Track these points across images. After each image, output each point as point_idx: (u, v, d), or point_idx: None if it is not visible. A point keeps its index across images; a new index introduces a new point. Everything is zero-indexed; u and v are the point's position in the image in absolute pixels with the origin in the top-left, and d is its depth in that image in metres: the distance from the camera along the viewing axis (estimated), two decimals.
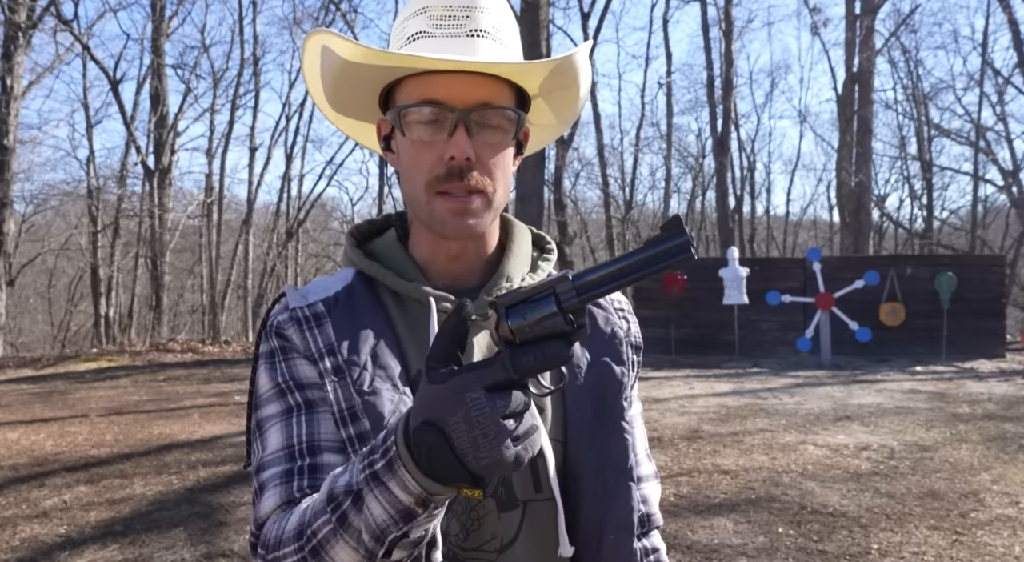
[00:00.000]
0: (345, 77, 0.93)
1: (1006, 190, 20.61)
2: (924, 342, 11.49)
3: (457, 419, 0.67)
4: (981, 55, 21.45)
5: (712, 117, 22.30)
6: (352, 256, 0.96)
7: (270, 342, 0.90)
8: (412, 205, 0.92)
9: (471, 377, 0.68)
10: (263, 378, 0.89)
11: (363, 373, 0.86)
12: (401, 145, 0.91)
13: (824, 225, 32.56)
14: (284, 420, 0.86)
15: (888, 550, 3.89)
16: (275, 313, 0.92)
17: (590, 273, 0.70)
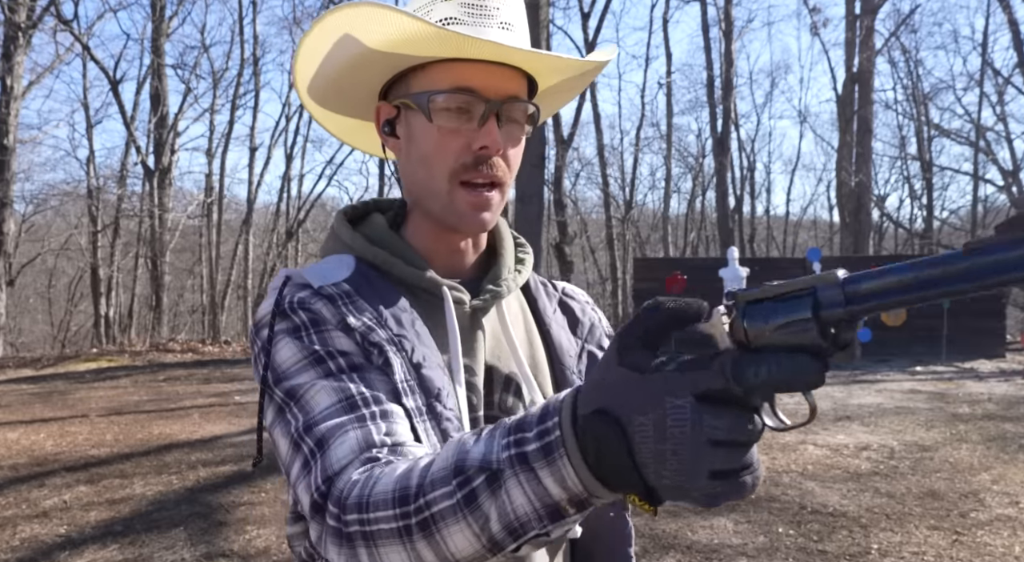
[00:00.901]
0: (359, 67, 0.90)
1: (1006, 190, 20.62)
2: (924, 342, 11.49)
3: (646, 421, 0.54)
4: (981, 55, 21.47)
5: (712, 117, 22.32)
6: (351, 241, 0.92)
7: (292, 318, 0.82)
8: (424, 193, 0.89)
9: (681, 377, 0.53)
10: (286, 352, 0.80)
11: (416, 347, 0.82)
12: (421, 131, 0.87)
13: (824, 225, 32.58)
14: (332, 379, 0.77)
15: (888, 550, 3.89)
16: (289, 292, 0.84)
17: (869, 279, 0.52)
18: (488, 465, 0.60)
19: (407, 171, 0.91)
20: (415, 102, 0.87)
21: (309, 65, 0.93)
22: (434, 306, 0.89)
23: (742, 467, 0.56)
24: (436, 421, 0.79)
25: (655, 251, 28.96)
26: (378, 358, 0.80)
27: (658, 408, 0.53)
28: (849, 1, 19.92)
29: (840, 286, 0.52)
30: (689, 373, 0.53)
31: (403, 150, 0.91)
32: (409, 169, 0.90)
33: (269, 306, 0.84)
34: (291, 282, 0.86)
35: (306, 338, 0.81)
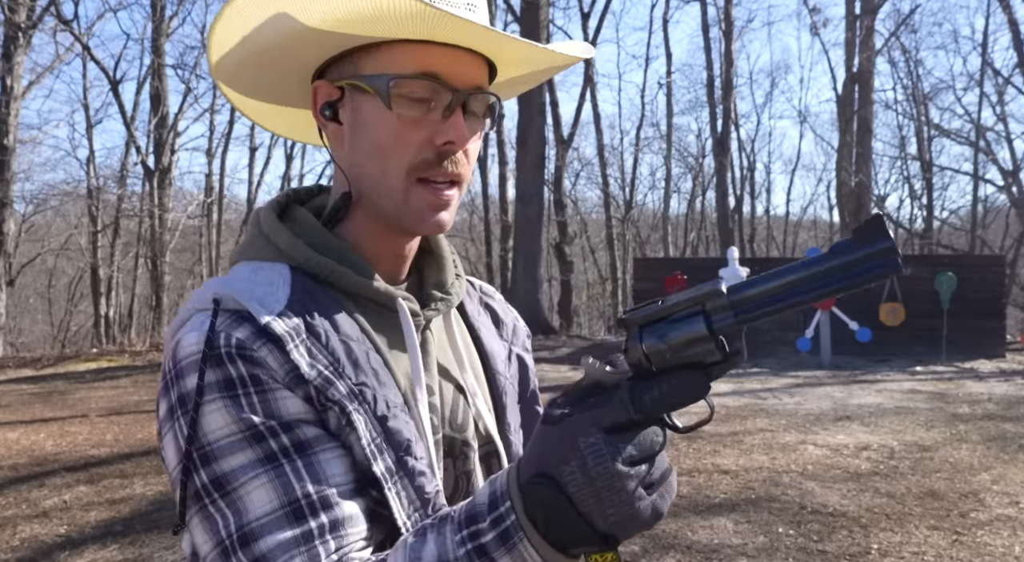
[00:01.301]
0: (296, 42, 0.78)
1: (1006, 190, 20.62)
2: (924, 342, 11.49)
3: (572, 469, 0.56)
4: (981, 55, 21.47)
5: (712, 117, 22.32)
6: (290, 249, 0.78)
7: (229, 369, 0.67)
8: (375, 190, 0.78)
9: (583, 418, 0.57)
10: (217, 420, 0.66)
11: (377, 394, 0.72)
12: (376, 119, 0.76)
13: (824, 225, 32.58)
14: (272, 469, 0.65)
15: (888, 550, 3.89)
16: (224, 328, 0.69)
17: (751, 287, 0.57)
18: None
19: (353, 162, 0.79)
20: (371, 86, 0.76)
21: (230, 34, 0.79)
22: (383, 318, 0.80)
23: (664, 472, 0.60)
24: (409, 478, 0.71)
25: (655, 251, 28.96)
26: (338, 419, 0.69)
27: (576, 451, 0.56)
28: (849, 1, 19.92)
29: (727, 297, 0.56)
30: (591, 412, 0.57)
31: (347, 138, 0.79)
32: (355, 160, 0.79)
33: (196, 343, 0.68)
34: (224, 309, 0.71)
35: (245, 402, 0.67)
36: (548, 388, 8.89)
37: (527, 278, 15.63)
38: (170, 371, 0.69)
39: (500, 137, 23.25)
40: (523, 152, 15.97)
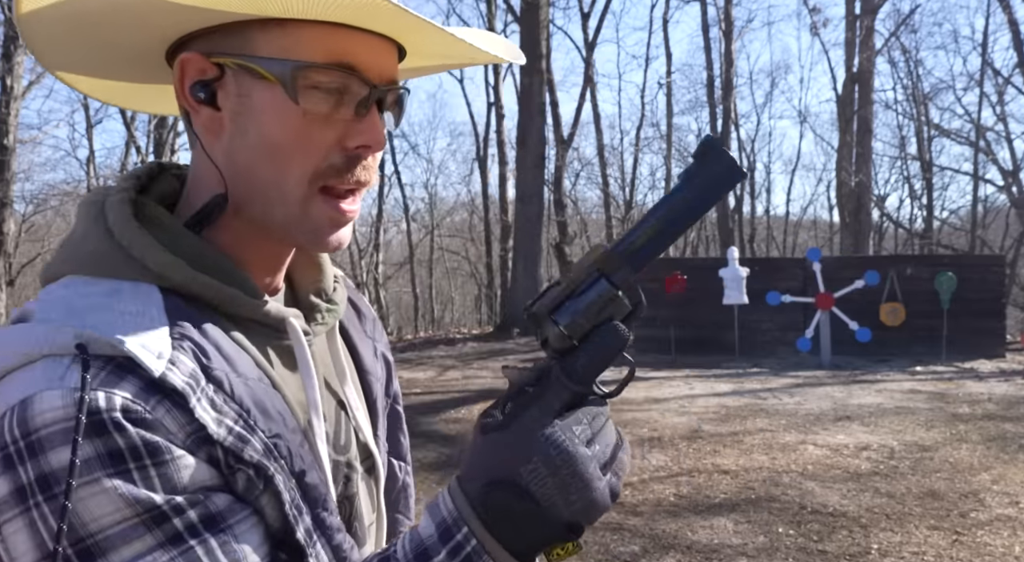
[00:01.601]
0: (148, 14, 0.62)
1: (1006, 190, 20.61)
2: (924, 342, 11.49)
3: (534, 466, 0.55)
4: (981, 55, 21.46)
5: (712, 117, 22.33)
6: (164, 267, 0.61)
7: (115, 438, 0.52)
8: (265, 196, 0.65)
9: (534, 411, 0.56)
10: (103, 505, 0.52)
11: (291, 448, 0.62)
12: (275, 112, 0.62)
13: (824, 225, 32.58)
14: (181, 556, 0.53)
15: (888, 550, 3.89)
16: (103, 386, 0.53)
17: (631, 236, 0.60)
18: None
19: (235, 160, 0.64)
20: (270, 71, 0.61)
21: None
22: (265, 337, 0.67)
23: (614, 448, 0.59)
24: (327, 537, 0.64)
25: None
26: (249, 482, 0.58)
27: (536, 446, 0.55)
28: (849, 1, 19.92)
29: (618, 251, 0.60)
30: (536, 404, 0.56)
31: (228, 128, 0.64)
32: (240, 158, 0.64)
33: (62, 406, 0.52)
34: (96, 359, 0.54)
35: (140, 478, 0.53)
36: None
37: (527, 278, 15.63)
38: (15, 442, 0.52)
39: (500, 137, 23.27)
40: (523, 152, 15.98)
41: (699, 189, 0.58)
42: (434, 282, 30.29)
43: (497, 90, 22.68)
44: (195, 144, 0.67)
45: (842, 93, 20.83)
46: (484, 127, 25.54)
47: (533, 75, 15.83)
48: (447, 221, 32.95)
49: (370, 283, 26.64)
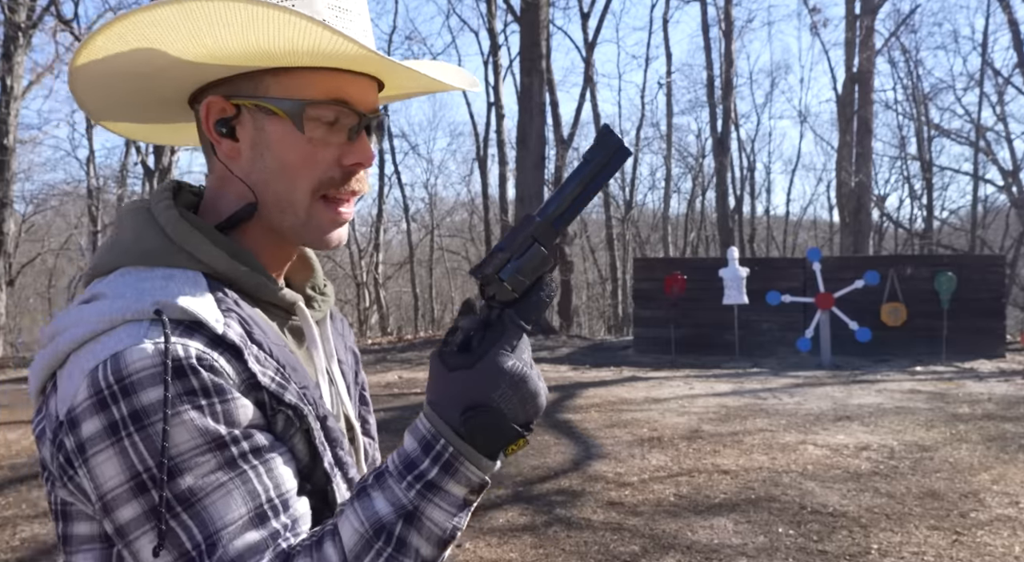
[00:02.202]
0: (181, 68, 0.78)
1: (1006, 190, 20.61)
2: (924, 342, 11.49)
3: (502, 390, 0.70)
4: (981, 55, 21.46)
5: (712, 117, 22.32)
6: (210, 256, 0.77)
7: (191, 380, 0.68)
8: (279, 206, 0.81)
9: (499, 349, 0.71)
10: (182, 432, 0.66)
11: (315, 397, 0.79)
12: (285, 140, 0.79)
13: (824, 225, 32.57)
14: (237, 477, 0.68)
15: (888, 550, 3.89)
16: (181, 339, 0.69)
17: (552, 205, 0.75)
18: (403, 508, 0.69)
19: (255, 179, 0.81)
20: (281, 109, 0.78)
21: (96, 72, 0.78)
22: (282, 320, 0.85)
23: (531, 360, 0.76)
24: (343, 471, 0.80)
25: (655, 251, 28.96)
26: (286, 422, 0.74)
27: (505, 375, 0.70)
28: (849, 1, 19.91)
29: (544, 220, 0.74)
30: (499, 343, 0.72)
31: (246, 155, 0.81)
32: (258, 178, 0.81)
33: (151, 355, 0.67)
34: (171, 319, 0.70)
35: (209, 413, 0.68)
36: (549, 388, 8.85)
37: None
38: (109, 386, 0.66)
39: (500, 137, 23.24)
40: (523, 152, 15.97)
41: (600, 165, 0.75)
42: (434, 282, 30.28)
43: (497, 90, 22.66)
44: (213, 168, 0.84)
45: (842, 93, 20.83)
46: (484, 127, 25.53)
47: (533, 75, 15.82)
48: (447, 221, 32.94)
49: (370, 283, 26.62)
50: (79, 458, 0.67)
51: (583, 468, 5.48)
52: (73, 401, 0.67)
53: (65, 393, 0.68)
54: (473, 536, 4.20)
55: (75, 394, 0.67)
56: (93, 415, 0.66)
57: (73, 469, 0.68)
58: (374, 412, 1.05)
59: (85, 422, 0.66)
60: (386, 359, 12.32)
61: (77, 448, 0.67)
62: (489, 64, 23.61)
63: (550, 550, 3.98)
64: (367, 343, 15.78)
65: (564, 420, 7.07)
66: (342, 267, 30.30)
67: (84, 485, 0.68)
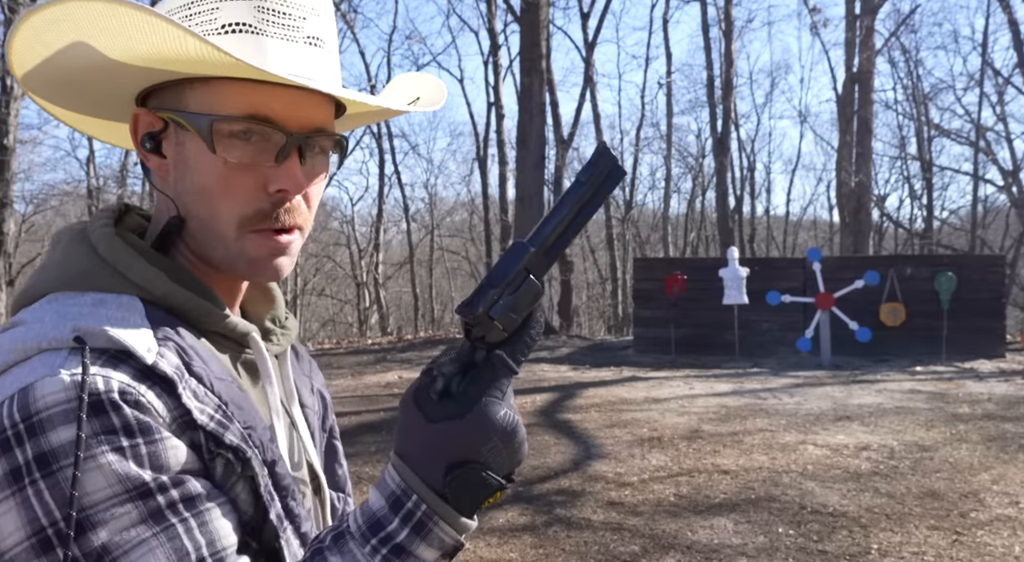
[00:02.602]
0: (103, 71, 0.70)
1: (1006, 190, 20.61)
2: (924, 342, 11.48)
3: (493, 444, 0.63)
4: (981, 55, 21.46)
5: (712, 117, 22.33)
6: (147, 280, 0.67)
7: (112, 417, 0.57)
8: (204, 235, 0.71)
9: (490, 397, 0.64)
10: (97, 478, 0.56)
11: (262, 439, 0.68)
12: (201, 161, 0.69)
13: (824, 225, 32.57)
14: (163, 532, 0.58)
15: (888, 550, 3.89)
16: (102, 369, 0.59)
17: (545, 231, 0.68)
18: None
19: (182, 202, 0.71)
20: (192, 124, 0.68)
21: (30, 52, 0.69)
22: (233, 353, 0.75)
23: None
24: (295, 524, 0.70)
25: (655, 251, 28.96)
26: (227, 467, 0.64)
27: (494, 427, 0.63)
28: (849, 1, 19.92)
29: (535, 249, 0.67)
30: (490, 389, 0.64)
31: (172, 174, 0.72)
32: (184, 201, 0.71)
33: (64, 388, 0.57)
34: (94, 348, 0.60)
35: (131, 455, 0.57)
36: (549, 388, 8.89)
37: None
38: (14, 426, 0.56)
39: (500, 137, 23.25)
40: (523, 152, 15.97)
41: (595, 187, 0.69)
42: (434, 282, 30.28)
43: (497, 90, 22.66)
44: (151, 183, 0.75)
45: (842, 93, 20.83)
46: (484, 127, 25.54)
47: (533, 75, 15.82)
48: (447, 221, 32.95)
49: (370, 283, 26.63)
50: None
51: (583, 468, 5.48)
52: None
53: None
54: (473, 536, 4.20)
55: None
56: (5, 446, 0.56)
57: None
58: (374, 412, 0.97)
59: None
60: (386, 359, 12.32)
61: None
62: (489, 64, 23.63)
63: (550, 550, 3.98)
64: (367, 343, 15.78)
65: (564, 420, 7.07)
66: (342, 267, 30.32)
67: None
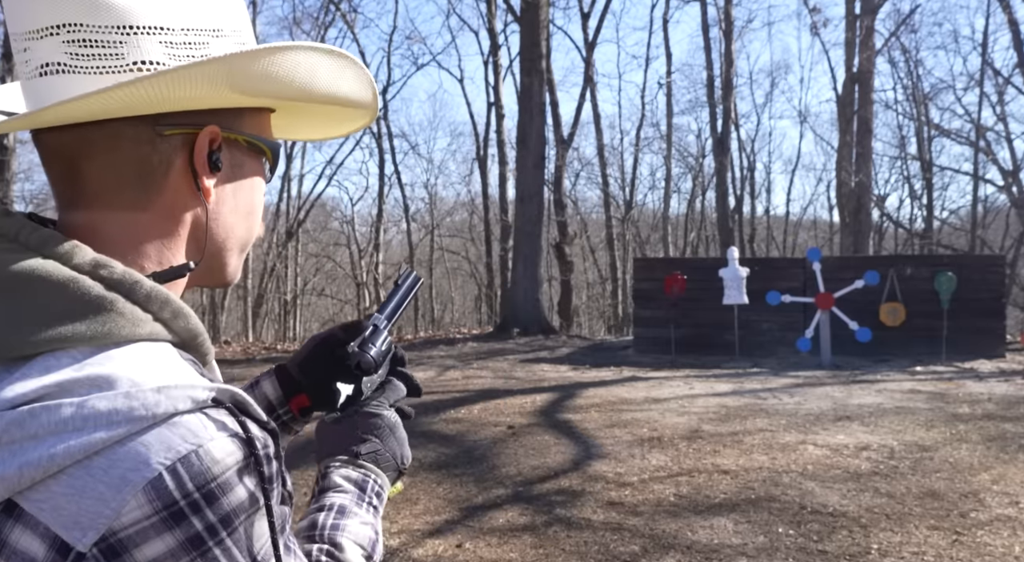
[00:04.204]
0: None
1: (1006, 190, 20.62)
2: (924, 342, 11.49)
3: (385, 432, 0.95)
4: (981, 55, 21.47)
5: (712, 117, 22.34)
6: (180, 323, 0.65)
7: (267, 468, 0.60)
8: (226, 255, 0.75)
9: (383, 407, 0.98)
10: (263, 525, 0.60)
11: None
12: (255, 181, 0.75)
13: (824, 225, 32.58)
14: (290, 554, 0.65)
15: (888, 550, 3.89)
16: (252, 427, 0.60)
17: (386, 310, 1.03)
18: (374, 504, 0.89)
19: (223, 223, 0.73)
20: (267, 145, 0.74)
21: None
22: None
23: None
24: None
25: (655, 251, 28.96)
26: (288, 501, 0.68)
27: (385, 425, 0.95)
28: (849, 1, 19.92)
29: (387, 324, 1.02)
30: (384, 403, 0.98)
31: (218, 195, 0.72)
32: (228, 220, 0.73)
33: (233, 450, 0.57)
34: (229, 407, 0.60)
35: (275, 497, 0.61)
36: (549, 388, 8.90)
37: (527, 278, 15.62)
38: (187, 495, 0.55)
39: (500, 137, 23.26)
40: (523, 152, 15.97)
41: (405, 294, 1.07)
42: (434, 282, 30.29)
43: (497, 90, 22.67)
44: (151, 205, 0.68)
45: (842, 93, 20.83)
46: (484, 127, 25.57)
47: (533, 75, 15.82)
48: (447, 221, 32.95)
49: (370, 283, 26.65)
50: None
51: (583, 468, 5.48)
52: (114, 523, 0.53)
53: (79, 515, 0.53)
54: (473, 536, 4.20)
55: (117, 513, 0.53)
56: (163, 533, 0.54)
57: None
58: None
59: (147, 544, 0.54)
60: None
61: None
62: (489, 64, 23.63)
63: (550, 550, 3.98)
64: None
65: (564, 420, 7.08)
66: (342, 267, 30.32)
67: None
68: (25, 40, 0.65)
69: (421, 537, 4.22)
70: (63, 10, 0.62)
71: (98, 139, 0.66)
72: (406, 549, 4.04)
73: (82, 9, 0.62)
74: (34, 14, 0.63)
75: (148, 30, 0.64)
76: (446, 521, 4.47)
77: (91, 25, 0.63)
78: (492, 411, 7.52)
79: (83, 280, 0.60)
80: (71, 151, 0.67)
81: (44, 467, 0.53)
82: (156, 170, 0.68)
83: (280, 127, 0.84)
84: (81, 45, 0.63)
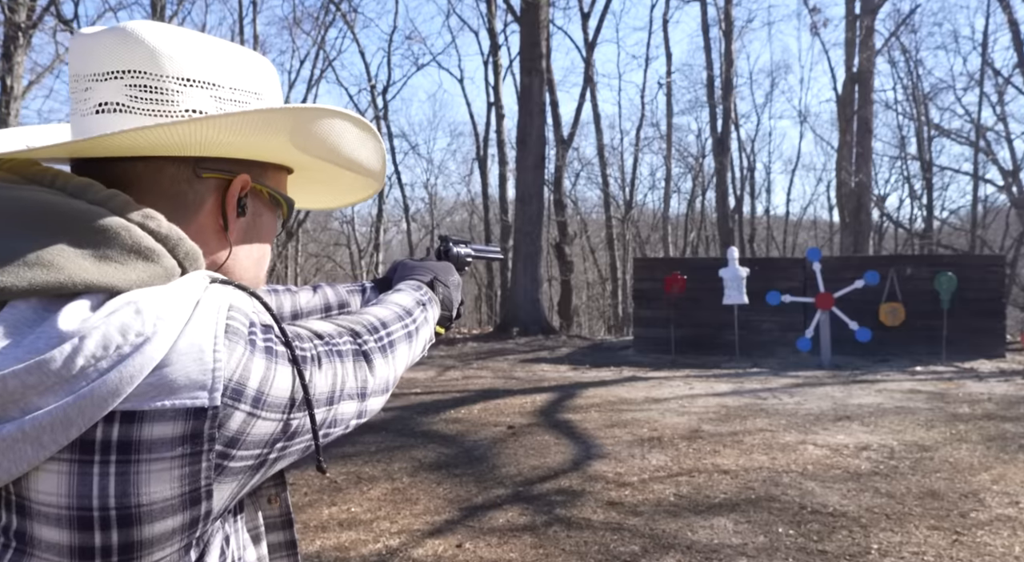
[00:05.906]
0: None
1: (1006, 190, 20.62)
2: (924, 342, 11.49)
3: (455, 277, 1.28)
4: (981, 55, 21.47)
5: (712, 117, 22.34)
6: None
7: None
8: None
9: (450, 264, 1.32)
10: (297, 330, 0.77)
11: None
12: (269, 229, 0.85)
13: (824, 225, 32.58)
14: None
15: (888, 550, 3.89)
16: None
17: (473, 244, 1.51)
18: (422, 302, 1.04)
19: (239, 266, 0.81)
20: (283, 198, 0.85)
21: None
22: None
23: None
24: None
25: (655, 251, 28.96)
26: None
27: (453, 272, 1.28)
28: (849, 1, 19.92)
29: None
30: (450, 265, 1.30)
31: (238, 237, 0.81)
32: (242, 265, 0.82)
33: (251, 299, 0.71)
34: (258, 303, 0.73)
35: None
36: (549, 388, 8.89)
37: (527, 278, 15.63)
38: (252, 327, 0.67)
39: (500, 137, 23.25)
40: (523, 152, 15.97)
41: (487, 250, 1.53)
42: None
43: (497, 90, 22.67)
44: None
45: (842, 93, 20.83)
46: (484, 127, 25.56)
47: (533, 75, 15.82)
48: (447, 221, 32.94)
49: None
50: (258, 404, 0.64)
51: (583, 468, 5.48)
52: (224, 371, 0.62)
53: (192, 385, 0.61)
54: (473, 536, 4.20)
55: (222, 364, 0.62)
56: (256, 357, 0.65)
57: (255, 418, 0.64)
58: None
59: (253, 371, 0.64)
60: None
61: (256, 398, 0.64)
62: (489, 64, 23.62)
63: (550, 550, 3.98)
64: None
65: (564, 420, 7.08)
66: (342, 267, 30.31)
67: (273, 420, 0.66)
68: (88, 81, 0.72)
69: (421, 537, 4.22)
70: (131, 58, 0.71)
71: (143, 172, 0.73)
72: (406, 549, 4.04)
73: (147, 60, 0.71)
74: (102, 59, 0.71)
75: (202, 84, 0.73)
76: (446, 521, 4.47)
77: (154, 73, 0.71)
78: (492, 411, 7.52)
79: (134, 229, 0.66)
80: (114, 182, 0.71)
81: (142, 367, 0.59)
82: (190, 207, 0.75)
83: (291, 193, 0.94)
84: (141, 89, 0.71)
